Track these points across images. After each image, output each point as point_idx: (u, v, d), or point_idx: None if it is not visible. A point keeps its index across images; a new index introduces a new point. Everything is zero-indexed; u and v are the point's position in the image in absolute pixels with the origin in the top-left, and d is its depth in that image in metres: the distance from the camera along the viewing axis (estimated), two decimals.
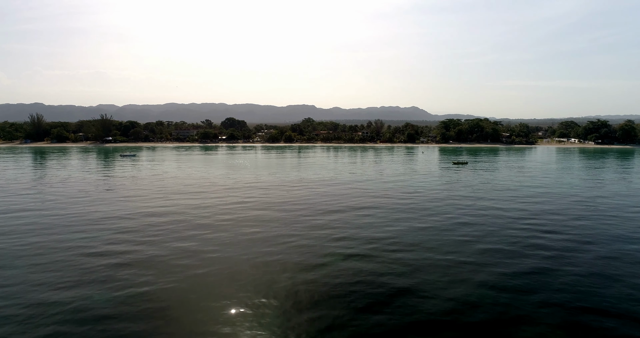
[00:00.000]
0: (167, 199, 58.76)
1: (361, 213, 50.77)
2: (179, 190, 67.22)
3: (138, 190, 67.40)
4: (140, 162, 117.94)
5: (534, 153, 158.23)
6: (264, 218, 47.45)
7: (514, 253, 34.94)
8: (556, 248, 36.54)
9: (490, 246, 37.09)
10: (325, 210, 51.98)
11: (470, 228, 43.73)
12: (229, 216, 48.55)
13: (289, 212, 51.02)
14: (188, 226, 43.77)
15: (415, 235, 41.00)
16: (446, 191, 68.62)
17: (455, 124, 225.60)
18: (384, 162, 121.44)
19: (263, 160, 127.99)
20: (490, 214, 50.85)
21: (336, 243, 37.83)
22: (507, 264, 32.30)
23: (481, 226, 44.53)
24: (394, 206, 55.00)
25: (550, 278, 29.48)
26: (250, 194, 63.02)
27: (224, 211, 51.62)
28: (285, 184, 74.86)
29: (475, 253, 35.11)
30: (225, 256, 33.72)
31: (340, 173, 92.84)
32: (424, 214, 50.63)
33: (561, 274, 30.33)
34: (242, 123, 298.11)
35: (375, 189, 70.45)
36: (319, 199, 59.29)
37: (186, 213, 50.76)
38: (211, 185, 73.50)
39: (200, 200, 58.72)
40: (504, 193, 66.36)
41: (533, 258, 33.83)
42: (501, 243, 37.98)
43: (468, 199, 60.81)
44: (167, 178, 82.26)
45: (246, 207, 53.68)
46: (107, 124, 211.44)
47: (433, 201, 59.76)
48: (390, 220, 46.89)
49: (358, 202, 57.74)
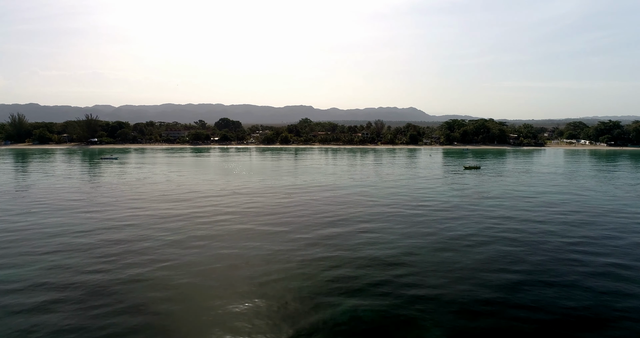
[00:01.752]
0: (135, 209, 52.55)
1: (363, 226, 44.46)
2: (153, 198, 60.48)
3: (105, 199, 60.10)
4: (120, 166, 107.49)
5: (546, 156, 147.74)
6: (246, 234, 41.32)
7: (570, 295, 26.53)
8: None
9: (528, 278, 29.66)
10: (321, 223, 45.69)
11: (496, 250, 37.07)
12: (202, 232, 41.68)
13: (277, 226, 44.67)
14: (144, 248, 36.79)
15: (432, 256, 34.92)
16: (461, 201, 59.58)
17: (459, 124, 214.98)
18: (387, 165, 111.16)
19: (256, 163, 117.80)
20: (523, 233, 42.40)
21: (334, 271, 31.30)
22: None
23: (511, 249, 36.85)
24: (402, 219, 48.21)
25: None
26: (234, 204, 56.43)
27: (197, 225, 44.80)
28: (277, 192, 66.62)
29: (505, 284, 28.70)
30: (187, 293, 27.48)
31: (339, 178, 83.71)
32: (438, 229, 43.83)
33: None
34: (237, 124, 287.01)
35: (379, 197, 62.20)
36: (314, 210, 52.91)
37: (150, 227, 43.55)
38: (190, 193, 65.45)
39: (173, 210, 51.98)
40: (531, 205, 56.26)
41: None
42: (544, 274, 30.48)
43: (490, 213, 51.83)
44: (144, 185, 73.69)
45: (225, 220, 47.34)
46: (92, 124, 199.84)
47: (447, 213, 51.97)
48: (398, 237, 40.65)
49: (360, 213, 51.23)
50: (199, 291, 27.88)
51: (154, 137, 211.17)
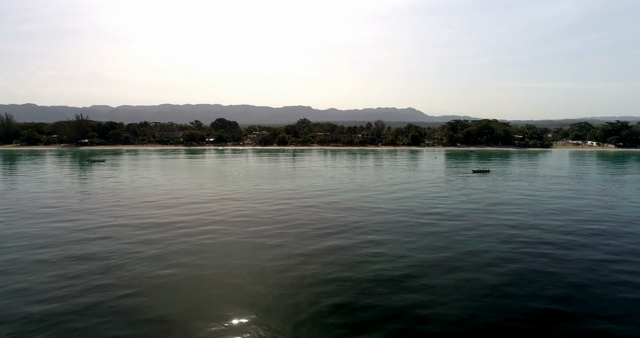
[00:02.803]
0: (112, 218, 47.82)
1: (366, 238, 39.84)
2: (135, 205, 55.83)
3: (82, 206, 55.11)
4: (108, 169, 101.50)
5: (554, 157, 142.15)
6: (232, 248, 36.51)
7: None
8: None
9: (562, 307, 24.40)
10: (318, 235, 40.86)
11: (523, 269, 32.12)
12: (182, 246, 36.78)
13: (268, 238, 39.91)
14: (111, 266, 31.84)
15: (448, 277, 30.09)
16: (474, 209, 54.66)
17: (462, 125, 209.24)
18: (389, 168, 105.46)
19: (251, 166, 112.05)
20: (550, 247, 37.12)
21: (332, 299, 26.60)
22: None
23: (540, 268, 31.76)
24: (409, 230, 43.30)
25: None
26: (223, 211, 51.67)
27: (178, 237, 39.86)
28: (271, 198, 61.55)
29: (539, 315, 23.84)
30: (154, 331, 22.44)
31: (339, 183, 78.87)
32: (451, 242, 38.73)
33: None
34: (234, 124, 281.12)
35: (383, 204, 57.08)
36: (312, 218, 48.18)
37: (123, 240, 38.70)
38: (177, 199, 60.53)
39: (154, 219, 47.24)
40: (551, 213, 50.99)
41: None
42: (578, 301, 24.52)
43: (507, 222, 46.55)
44: (128, 190, 68.18)
45: (211, 231, 42.48)
46: (83, 125, 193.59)
47: (459, 222, 46.66)
48: (406, 251, 35.83)
49: (362, 222, 46.33)
50: (168, 328, 22.15)
51: (147, 138, 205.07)
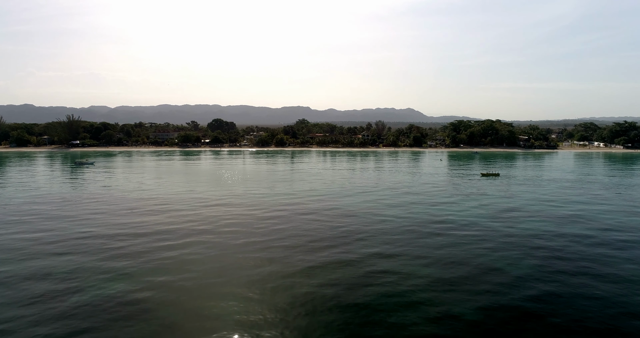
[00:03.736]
0: (88, 227, 43.26)
1: (370, 252, 35.06)
2: (116, 212, 51.07)
3: (57, 213, 50.54)
4: (95, 172, 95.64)
5: (562, 159, 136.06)
6: (216, 265, 32.19)
7: None
8: None
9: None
10: (317, 248, 36.07)
11: (560, 294, 26.92)
12: (160, 262, 32.36)
13: (259, 251, 35.19)
14: (69, 287, 27.54)
15: (470, 306, 24.97)
16: (489, 218, 48.96)
17: (465, 126, 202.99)
18: (393, 171, 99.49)
19: (247, 168, 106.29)
20: (589, 265, 31.95)
21: (329, 314, 24.02)
22: None
23: (585, 291, 26.79)
24: (419, 241, 38.33)
25: None
26: (211, 220, 47.06)
27: (158, 251, 35.28)
28: (266, 204, 56.57)
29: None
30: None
31: (340, 187, 74.25)
32: (467, 257, 33.51)
33: None
34: (231, 125, 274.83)
35: (388, 211, 52.00)
36: (309, 228, 43.44)
37: (94, 254, 34.19)
38: (163, 205, 55.78)
39: (134, 229, 42.66)
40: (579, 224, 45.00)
41: None
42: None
43: (530, 235, 40.92)
44: (112, 196, 63.24)
45: (196, 243, 37.79)
46: (74, 125, 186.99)
47: (474, 234, 40.79)
48: (418, 268, 31.12)
49: (365, 232, 41.54)
50: None
51: (141, 139, 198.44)
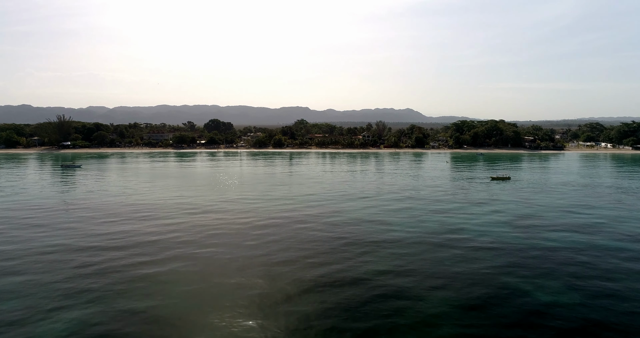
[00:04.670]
0: (60, 238, 39.21)
1: (377, 269, 31.30)
2: (94, 220, 46.95)
3: (28, 221, 46.27)
4: (81, 175, 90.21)
5: (572, 161, 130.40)
6: (196, 286, 28.54)
7: None
8: None
9: None
10: (315, 263, 31.85)
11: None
12: (131, 285, 28.43)
13: (243, 271, 30.84)
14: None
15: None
16: (507, 230, 43.48)
17: (469, 126, 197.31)
18: (395, 174, 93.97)
19: (243, 171, 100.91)
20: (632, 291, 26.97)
21: None
22: None
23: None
24: (431, 259, 33.36)
25: None
26: (196, 230, 42.58)
27: (130, 267, 31.54)
28: (258, 212, 51.68)
29: None
30: None
31: (342, 192, 69.75)
32: (490, 280, 29.28)
33: None
34: (228, 125, 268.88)
35: (393, 220, 47.12)
36: (308, 240, 38.44)
37: (50, 273, 30.28)
38: (147, 212, 51.35)
39: (110, 239, 38.77)
40: (616, 241, 39.15)
41: None
42: None
43: (559, 254, 35.10)
44: (92, 202, 58.04)
45: (173, 258, 33.78)
46: (65, 126, 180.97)
47: (493, 252, 35.33)
48: (432, 291, 27.19)
49: (369, 247, 36.68)
50: None
51: (135, 140, 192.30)
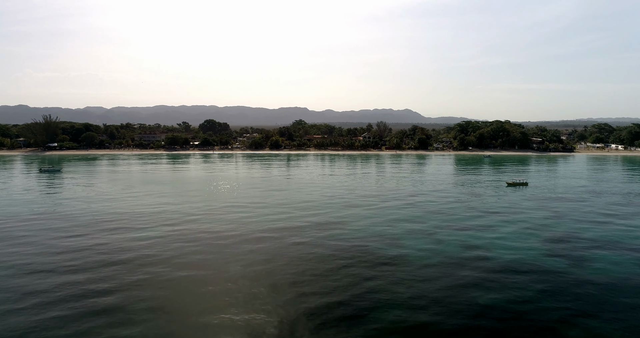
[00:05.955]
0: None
1: (383, 304, 25.82)
2: (50, 233, 41.98)
3: None
4: (58, 181, 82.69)
5: (586, 164, 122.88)
6: (160, 322, 23.25)
7: None
8: None
9: None
10: (304, 301, 26.21)
11: None
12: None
13: (226, 308, 25.22)
14: None
15: None
16: (538, 249, 36.93)
17: (474, 127, 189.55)
18: (400, 179, 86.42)
19: (236, 175, 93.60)
20: None
21: None
22: None
23: None
24: (458, 298, 26.74)
25: None
26: (173, 247, 37.67)
27: (88, 292, 27.09)
28: (250, 224, 44.34)
29: None
30: None
31: (344, 201, 62.96)
32: (530, 322, 23.49)
33: None
34: (224, 126, 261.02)
35: (403, 240, 39.73)
36: (299, 265, 33.28)
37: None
38: (121, 221, 45.19)
39: (56, 261, 33.43)
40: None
41: None
42: None
43: (607, 280, 29.31)
44: (58, 212, 53.08)
45: (135, 286, 28.34)
46: (51, 127, 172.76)
47: (533, 282, 29.61)
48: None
49: (374, 273, 31.54)
50: None
51: (125, 141, 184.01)
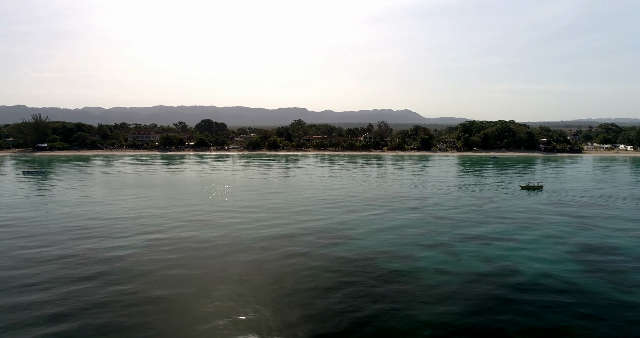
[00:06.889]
0: None
1: (394, 321, 23.64)
2: (19, 242, 39.55)
3: None
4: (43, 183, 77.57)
5: (599, 165, 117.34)
6: None
7: None
8: None
9: None
10: (310, 321, 23.06)
11: None
12: None
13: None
14: None
15: None
16: (581, 271, 31.84)
17: (478, 127, 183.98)
18: (405, 182, 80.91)
19: (232, 176, 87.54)
20: None
21: None
22: None
23: None
24: (481, 319, 23.20)
25: None
26: (150, 256, 34.48)
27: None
28: (242, 235, 39.85)
29: None
30: None
31: (345, 207, 57.31)
32: None
33: None
34: (222, 126, 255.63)
35: (416, 258, 35.08)
36: (295, 288, 29.33)
37: None
38: (92, 232, 39.85)
39: (17, 277, 30.59)
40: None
41: None
42: None
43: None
44: (33, 222, 48.73)
45: (104, 306, 23.53)
46: (41, 126, 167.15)
47: (584, 318, 24.93)
48: None
49: (382, 288, 27.98)
50: None
51: (118, 142, 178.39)
